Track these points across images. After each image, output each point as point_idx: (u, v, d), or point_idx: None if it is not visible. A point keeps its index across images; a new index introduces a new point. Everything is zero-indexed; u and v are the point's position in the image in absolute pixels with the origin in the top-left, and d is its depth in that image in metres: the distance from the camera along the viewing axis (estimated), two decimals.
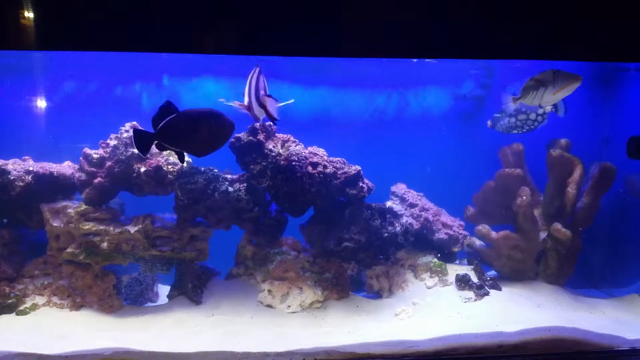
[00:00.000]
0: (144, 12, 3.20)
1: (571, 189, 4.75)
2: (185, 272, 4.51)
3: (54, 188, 4.43)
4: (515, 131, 4.79)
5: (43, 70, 5.74)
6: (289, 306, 4.37)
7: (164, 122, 3.32)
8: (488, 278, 4.72)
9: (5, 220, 4.39)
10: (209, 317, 4.17)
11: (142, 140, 3.39)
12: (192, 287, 4.44)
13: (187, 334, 3.84)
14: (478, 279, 4.68)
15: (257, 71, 3.72)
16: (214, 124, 3.38)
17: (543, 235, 4.89)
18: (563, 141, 5.00)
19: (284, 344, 3.63)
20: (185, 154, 3.59)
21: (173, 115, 3.33)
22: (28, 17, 3.11)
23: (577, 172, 4.75)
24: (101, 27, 3.19)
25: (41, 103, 5.74)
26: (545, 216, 5.06)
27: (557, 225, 4.66)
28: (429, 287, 4.69)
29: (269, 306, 4.41)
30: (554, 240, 4.74)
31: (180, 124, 3.32)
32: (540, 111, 4.73)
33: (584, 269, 5.09)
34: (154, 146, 3.36)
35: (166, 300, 4.58)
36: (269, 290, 4.48)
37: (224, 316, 4.20)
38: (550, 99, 3.82)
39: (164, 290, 4.92)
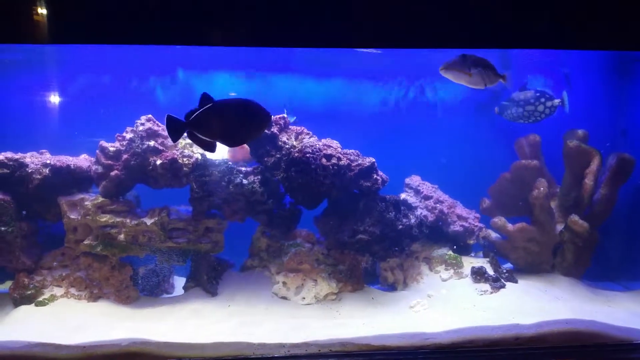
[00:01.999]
0: (156, 4, 3.20)
1: (588, 181, 4.70)
2: (201, 264, 4.54)
3: (71, 181, 4.48)
4: (521, 120, 4.77)
5: (58, 64, 5.80)
6: (304, 298, 4.38)
7: (198, 111, 3.31)
8: (504, 270, 4.69)
9: (24, 213, 4.44)
10: (224, 308, 4.19)
11: (174, 127, 3.38)
12: (207, 279, 4.47)
13: (203, 324, 3.87)
14: (494, 271, 4.66)
15: None
16: (250, 114, 3.37)
17: (559, 227, 4.85)
18: (580, 132, 4.95)
19: (299, 335, 3.64)
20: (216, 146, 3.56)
21: (208, 105, 3.31)
22: (41, 10, 3.13)
23: (595, 164, 4.70)
24: (113, 20, 3.20)
25: (56, 97, 5.81)
26: (561, 208, 5.02)
27: (575, 217, 4.62)
28: (444, 280, 4.68)
29: (284, 298, 4.43)
30: (571, 232, 4.70)
31: (215, 113, 3.30)
32: (549, 104, 4.70)
33: (601, 261, 5.04)
34: (168, 138, 3.38)
35: (182, 291, 4.62)
36: (284, 282, 4.50)
37: (239, 307, 4.22)
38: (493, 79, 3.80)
39: (179, 281, 4.96)
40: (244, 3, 3.22)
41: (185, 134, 3.44)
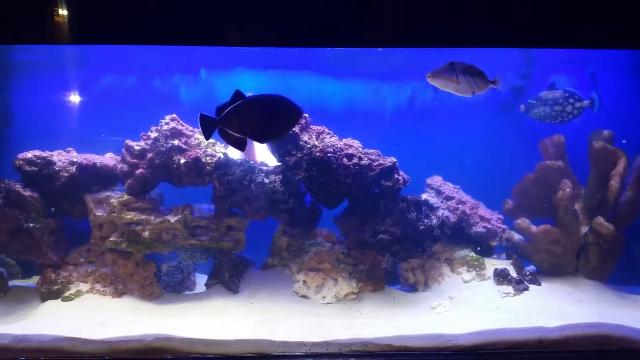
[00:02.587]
0: (176, 5, 3.23)
1: (614, 182, 4.63)
2: (223, 262, 4.59)
3: (97, 179, 4.56)
4: (547, 120, 4.72)
5: (83, 65, 5.90)
6: (324, 297, 4.40)
7: (229, 108, 3.33)
8: (527, 273, 4.64)
9: (52, 210, 4.53)
10: (246, 305, 4.23)
11: (207, 125, 3.42)
12: (229, 276, 4.52)
13: (225, 321, 3.91)
14: (517, 273, 4.61)
15: None
16: (281, 110, 3.39)
17: (584, 229, 4.78)
18: (606, 133, 4.87)
19: (320, 333, 3.65)
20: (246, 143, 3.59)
21: (239, 102, 3.33)
22: (63, 11, 3.19)
23: (621, 165, 4.63)
24: (133, 21, 3.25)
25: (81, 97, 5.91)
26: (586, 210, 4.95)
27: (600, 219, 4.55)
28: (466, 282, 4.65)
29: (304, 297, 4.45)
30: (596, 234, 4.63)
31: (246, 110, 3.32)
32: (577, 105, 4.64)
33: (626, 264, 4.96)
34: (193, 137, 3.41)
35: (203, 288, 4.68)
36: (304, 281, 4.52)
37: (260, 305, 4.26)
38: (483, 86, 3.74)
39: (199, 279, 5.03)
40: (262, 3, 3.25)
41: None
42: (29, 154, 4.43)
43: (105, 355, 3.39)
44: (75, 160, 4.45)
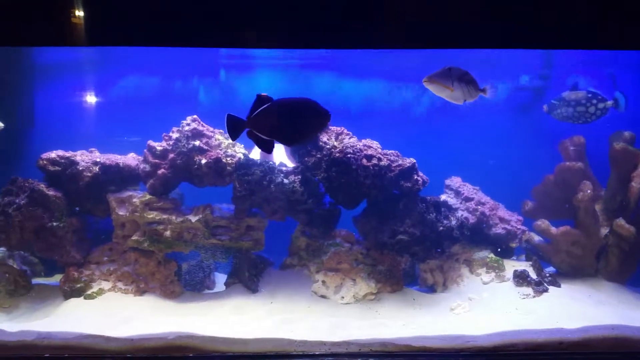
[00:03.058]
0: (195, 7, 3.26)
1: (635, 184, 4.59)
2: (242, 261, 4.63)
3: (119, 178, 4.62)
4: (570, 121, 4.69)
5: (105, 67, 5.98)
6: (343, 297, 4.41)
7: (257, 110, 3.35)
8: (547, 274, 4.62)
9: (77, 209, 4.60)
10: (266, 304, 4.26)
11: (234, 126, 3.44)
12: (248, 276, 4.56)
13: (245, 320, 3.95)
14: (537, 275, 4.59)
15: None
16: (310, 113, 3.40)
17: (604, 231, 4.75)
18: (627, 134, 4.83)
19: (339, 333, 3.67)
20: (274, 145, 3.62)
21: (267, 104, 3.35)
22: (81, 13, 3.23)
23: None
24: (150, 23, 3.28)
25: (102, 98, 5.99)
26: (606, 211, 4.91)
27: (621, 221, 4.51)
28: (485, 283, 4.64)
29: (323, 296, 4.47)
30: (616, 236, 4.60)
31: (275, 113, 3.33)
32: (601, 105, 4.61)
33: None
34: (213, 138, 3.43)
35: (223, 287, 4.72)
36: (323, 281, 4.54)
37: (279, 304, 4.28)
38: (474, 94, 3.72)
39: (219, 278, 5.08)
40: (280, 5, 3.27)
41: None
42: (53, 154, 4.50)
43: (127, 352, 3.42)
44: (98, 160, 4.52)
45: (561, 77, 6.09)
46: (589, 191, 4.55)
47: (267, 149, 3.55)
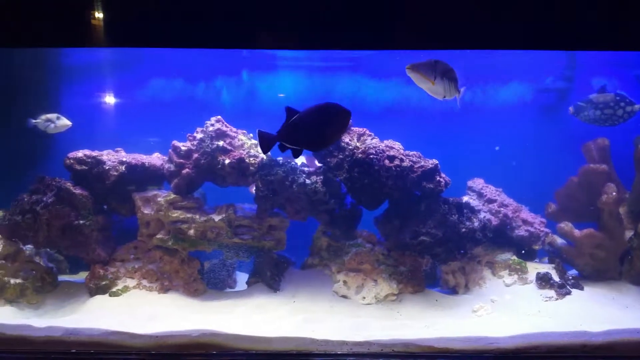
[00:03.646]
0: (214, 9, 3.30)
1: None
2: (264, 260, 4.67)
3: (145, 178, 4.70)
4: (596, 123, 4.65)
5: (131, 68, 6.06)
6: (364, 297, 4.43)
7: (285, 124, 3.44)
8: (570, 277, 4.59)
9: (105, 207, 4.69)
10: (288, 303, 4.30)
11: (265, 140, 3.51)
12: (270, 275, 4.59)
13: (268, 319, 3.99)
14: (559, 277, 4.56)
15: None
16: (332, 117, 3.46)
17: (628, 234, 4.70)
18: None
19: (361, 333, 3.67)
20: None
21: (293, 118, 3.44)
22: (103, 15, 3.28)
23: None
24: (171, 25, 3.33)
25: (127, 99, 6.08)
26: (631, 214, 4.87)
27: None
28: (507, 285, 4.63)
29: (344, 297, 4.49)
30: None
31: (301, 124, 3.41)
32: (629, 109, 4.57)
33: None
34: (236, 138, 3.48)
35: (244, 286, 4.76)
36: (344, 281, 4.55)
37: (301, 304, 4.32)
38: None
39: (239, 277, 5.12)
40: (295, 7, 3.29)
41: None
42: (79, 153, 4.59)
43: (152, 349, 3.45)
44: (124, 159, 4.60)
45: (585, 78, 6.02)
46: (613, 193, 4.51)
47: (296, 155, 3.68)
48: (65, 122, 4.65)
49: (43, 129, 4.63)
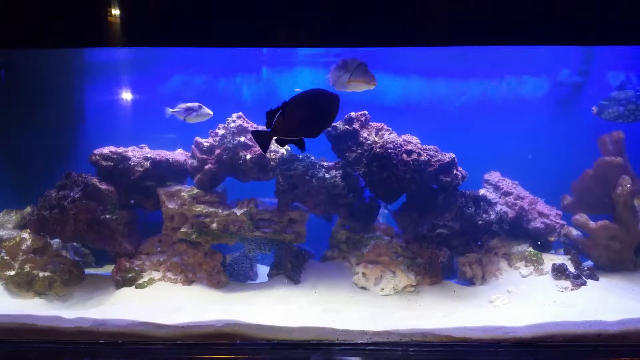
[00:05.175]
0: (231, 8, 3.37)
1: None
2: (284, 253, 4.78)
3: (169, 173, 4.83)
4: (620, 120, 4.68)
5: (154, 65, 6.17)
6: (383, 289, 4.52)
7: (275, 117, 3.47)
8: (585, 268, 4.65)
9: (132, 202, 4.82)
10: (309, 295, 4.40)
11: (261, 138, 3.51)
12: (291, 267, 4.71)
13: (289, 309, 4.09)
14: (575, 268, 4.63)
15: None
16: (320, 102, 3.48)
17: None
18: None
19: (380, 323, 3.77)
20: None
21: (281, 109, 3.45)
22: (118, 14, 3.37)
23: None
24: (188, 24, 3.40)
25: (150, 96, 6.19)
26: None
27: None
28: (523, 276, 4.70)
29: (363, 288, 4.58)
30: None
31: (290, 113, 3.44)
32: None
33: None
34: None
35: (266, 278, 4.88)
36: (363, 273, 4.65)
37: (321, 295, 4.42)
38: (342, 85, 3.66)
39: (260, 269, 5.24)
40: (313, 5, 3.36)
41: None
42: (105, 150, 4.71)
43: (178, 339, 3.58)
44: (149, 155, 4.72)
45: (601, 72, 6.03)
46: (628, 186, 4.56)
47: (300, 146, 3.61)
48: (207, 110, 4.74)
49: (183, 118, 4.73)
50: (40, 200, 4.56)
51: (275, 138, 3.46)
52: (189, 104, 4.71)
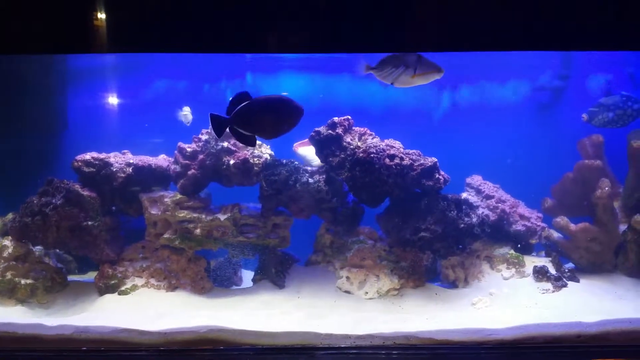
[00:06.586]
0: (218, 14, 3.37)
1: None
2: (269, 258, 4.79)
3: (152, 179, 4.80)
4: (610, 126, 4.77)
5: (136, 71, 6.15)
6: (367, 292, 4.53)
7: (238, 107, 3.56)
8: (566, 270, 4.71)
9: (113, 208, 4.79)
10: (293, 299, 4.41)
11: (218, 123, 3.62)
12: (275, 272, 4.71)
13: (273, 314, 4.09)
14: (556, 270, 4.69)
15: None
16: (283, 109, 3.61)
17: (622, 227, 4.82)
18: None
19: (364, 327, 3.78)
20: (256, 140, 3.83)
21: (246, 103, 3.56)
22: (105, 19, 3.35)
23: None
24: (177, 30, 3.40)
25: (132, 101, 6.17)
26: (625, 208, 4.99)
27: (638, 218, 4.58)
28: (505, 278, 4.75)
29: (347, 292, 4.59)
30: (634, 232, 4.66)
31: (253, 110, 3.54)
32: (636, 107, 4.69)
33: None
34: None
35: (250, 283, 4.88)
36: (347, 277, 4.66)
37: (305, 300, 4.42)
38: (406, 81, 3.71)
39: (245, 275, 5.23)
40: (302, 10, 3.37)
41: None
42: (87, 156, 4.68)
43: (161, 345, 3.57)
44: (131, 161, 4.70)
45: (581, 76, 6.13)
46: (607, 188, 4.63)
47: (250, 143, 3.78)
48: (189, 117, 4.92)
49: (184, 120, 4.86)
50: (22, 207, 4.52)
51: (229, 127, 3.58)
52: (186, 108, 4.76)
